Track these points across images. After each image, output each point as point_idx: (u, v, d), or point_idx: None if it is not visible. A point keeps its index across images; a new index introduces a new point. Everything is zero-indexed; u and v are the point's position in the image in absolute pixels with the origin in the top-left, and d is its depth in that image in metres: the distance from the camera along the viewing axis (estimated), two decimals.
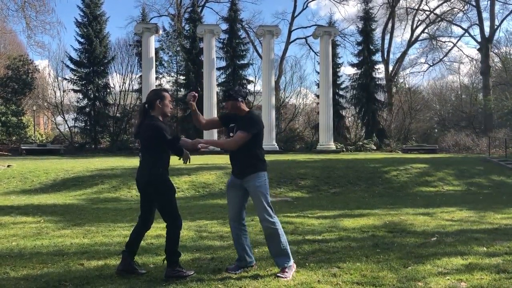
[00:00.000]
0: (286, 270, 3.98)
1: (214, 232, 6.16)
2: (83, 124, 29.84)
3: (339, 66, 32.44)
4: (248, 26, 36.78)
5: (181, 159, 4.03)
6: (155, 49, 27.34)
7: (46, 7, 20.83)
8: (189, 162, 4.09)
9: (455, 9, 37.82)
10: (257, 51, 36.70)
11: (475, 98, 36.88)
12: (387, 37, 36.57)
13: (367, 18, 32.22)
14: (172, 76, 31.59)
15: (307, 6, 42.22)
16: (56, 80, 32.24)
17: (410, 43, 38.38)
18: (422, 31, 38.88)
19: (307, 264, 4.40)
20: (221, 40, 30.66)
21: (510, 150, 22.33)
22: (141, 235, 4.19)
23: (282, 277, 3.89)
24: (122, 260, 4.06)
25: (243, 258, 4.24)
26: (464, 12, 37.22)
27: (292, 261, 4.12)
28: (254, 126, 4.13)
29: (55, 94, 32.13)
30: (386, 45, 36.26)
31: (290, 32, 37.48)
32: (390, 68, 36.46)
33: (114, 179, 13.00)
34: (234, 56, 30.46)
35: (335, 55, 30.85)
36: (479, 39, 34.74)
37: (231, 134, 4.22)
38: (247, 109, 4.27)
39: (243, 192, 4.25)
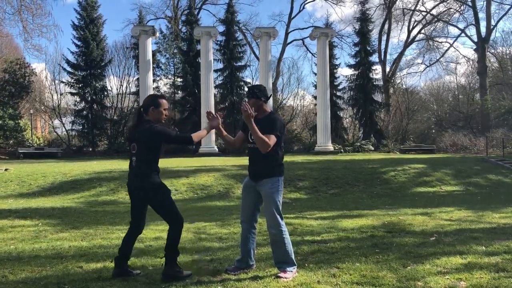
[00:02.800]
0: (287, 271, 3.95)
1: (213, 234, 6.15)
2: (81, 127, 29.80)
3: (336, 67, 32.45)
4: (245, 28, 36.88)
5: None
6: (152, 51, 27.36)
7: (43, 10, 20.93)
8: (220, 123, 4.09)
9: (452, 10, 38.00)
10: (254, 53, 36.78)
11: (472, 98, 36.99)
12: (384, 38, 36.74)
13: (363, 19, 32.25)
14: (169, 79, 31.64)
15: (303, 8, 42.41)
16: (53, 83, 32.30)
17: (407, 44, 38.52)
18: (419, 32, 39.08)
19: (306, 264, 4.39)
20: (218, 42, 30.67)
21: (508, 149, 22.44)
22: (134, 239, 4.15)
23: (282, 277, 3.86)
24: (115, 265, 4.04)
25: (245, 260, 4.21)
26: (461, 12, 37.44)
27: (295, 268, 4.07)
28: (281, 127, 4.02)
29: (52, 97, 32.16)
30: (383, 46, 36.41)
31: (287, 33, 37.59)
32: (387, 69, 36.59)
33: (112, 181, 12.98)
34: (231, 58, 30.46)
35: (332, 57, 30.84)
36: (475, 40, 34.90)
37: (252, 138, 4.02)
38: (269, 110, 4.16)
39: (257, 194, 4.14)
